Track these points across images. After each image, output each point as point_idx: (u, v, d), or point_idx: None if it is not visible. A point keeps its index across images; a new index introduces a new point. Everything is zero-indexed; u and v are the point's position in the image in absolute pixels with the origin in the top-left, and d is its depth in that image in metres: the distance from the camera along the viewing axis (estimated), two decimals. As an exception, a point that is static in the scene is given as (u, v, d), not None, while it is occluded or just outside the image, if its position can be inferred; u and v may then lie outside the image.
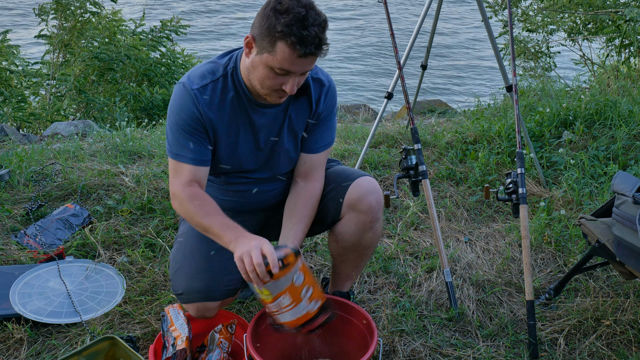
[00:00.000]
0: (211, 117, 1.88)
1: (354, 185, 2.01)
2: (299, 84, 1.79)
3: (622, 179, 2.04)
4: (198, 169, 1.89)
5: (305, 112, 1.98)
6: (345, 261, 2.15)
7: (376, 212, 2.02)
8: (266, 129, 1.96)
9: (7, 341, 2.14)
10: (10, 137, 4.17)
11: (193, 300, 1.98)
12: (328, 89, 1.98)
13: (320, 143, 2.03)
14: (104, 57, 6.18)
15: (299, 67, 1.73)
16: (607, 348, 2.18)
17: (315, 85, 1.96)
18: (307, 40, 1.67)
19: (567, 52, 6.15)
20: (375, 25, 12.49)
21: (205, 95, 1.86)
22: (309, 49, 1.68)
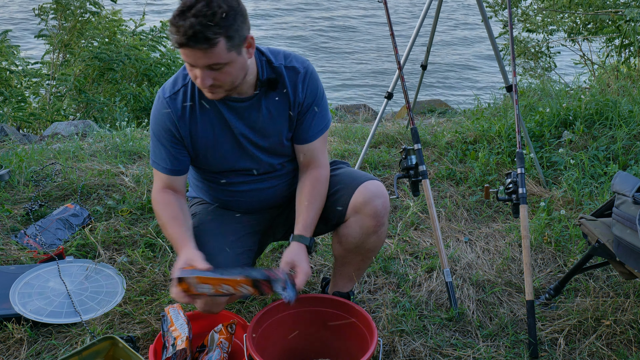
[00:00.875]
0: (185, 123, 1.93)
1: (361, 188, 2.00)
2: (217, 79, 1.75)
3: (622, 179, 2.04)
4: (170, 177, 1.99)
5: (284, 104, 1.94)
6: (347, 263, 2.15)
7: (381, 217, 2.01)
8: (241, 125, 1.95)
9: (7, 341, 2.14)
10: (10, 137, 4.17)
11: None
12: (305, 75, 1.94)
13: (312, 131, 1.99)
14: (104, 57, 6.17)
15: (191, 60, 1.71)
16: (607, 348, 2.18)
17: (290, 74, 1.93)
18: (179, 31, 1.65)
19: (567, 52, 6.15)
20: (375, 25, 12.49)
21: (177, 102, 1.92)
22: (182, 39, 1.66)
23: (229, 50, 1.71)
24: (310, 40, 11.59)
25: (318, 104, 1.98)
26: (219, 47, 1.68)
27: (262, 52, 1.93)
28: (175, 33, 1.67)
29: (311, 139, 2.00)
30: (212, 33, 1.65)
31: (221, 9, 1.66)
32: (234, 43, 1.72)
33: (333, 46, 11.40)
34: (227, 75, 1.76)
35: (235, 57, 1.74)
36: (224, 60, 1.72)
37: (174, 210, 1.96)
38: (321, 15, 13.08)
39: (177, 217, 1.94)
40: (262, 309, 1.99)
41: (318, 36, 11.82)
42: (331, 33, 12.06)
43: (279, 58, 1.94)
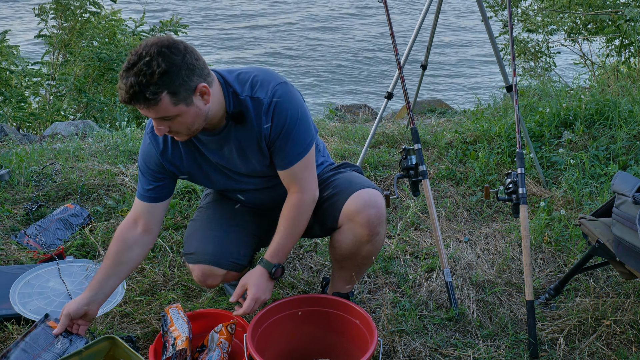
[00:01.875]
0: (168, 157, 1.99)
1: (354, 196, 1.98)
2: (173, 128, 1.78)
3: (622, 179, 2.04)
4: (145, 205, 2.03)
5: (252, 137, 1.92)
6: (343, 267, 2.15)
7: (374, 227, 1.98)
8: (215, 156, 1.98)
9: (7, 341, 2.14)
10: (10, 137, 4.17)
11: (201, 262, 2.05)
12: (269, 106, 1.87)
13: (288, 158, 1.93)
14: (104, 57, 6.17)
15: (142, 111, 1.73)
16: (607, 348, 2.18)
17: (255, 106, 1.88)
18: (122, 88, 1.68)
19: (567, 52, 6.15)
20: (375, 25, 12.49)
21: (159, 138, 1.98)
22: (124, 97, 1.69)
23: (176, 104, 1.72)
24: (311, 40, 11.59)
25: (289, 132, 1.90)
26: (162, 103, 1.70)
27: (229, 82, 1.88)
28: (120, 90, 1.70)
29: (288, 166, 1.94)
30: (151, 93, 1.67)
31: (160, 67, 1.66)
32: (180, 97, 1.72)
33: (333, 46, 11.40)
34: (181, 124, 1.78)
35: (184, 109, 1.74)
36: (172, 113, 1.73)
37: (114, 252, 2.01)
38: (321, 15, 13.08)
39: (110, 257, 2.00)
40: (262, 309, 1.99)
41: (318, 36, 11.82)
42: (331, 33, 12.06)
43: (246, 89, 1.89)
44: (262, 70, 1.94)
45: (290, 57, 10.75)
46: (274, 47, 11.19)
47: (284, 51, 11.02)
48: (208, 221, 2.15)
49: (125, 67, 1.68)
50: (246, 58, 10.64)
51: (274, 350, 2.00)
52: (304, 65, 10.40)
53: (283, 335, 2.03)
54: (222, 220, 2.14)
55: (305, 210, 1.98)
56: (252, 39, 11.56)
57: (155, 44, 1.68)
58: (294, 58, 10.71)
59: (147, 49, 1.67)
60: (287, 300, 2.05)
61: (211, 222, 2.14)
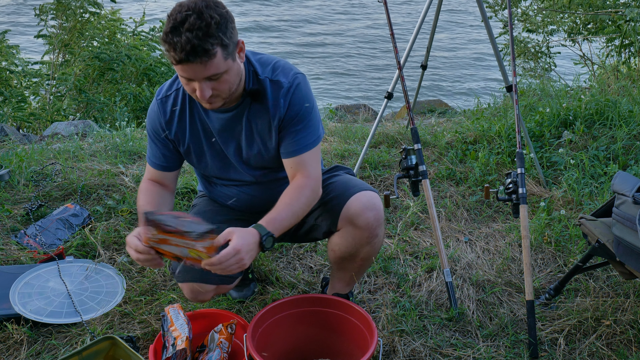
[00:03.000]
0: (173, 127, 1.98)
1: (353, 199, 1.98)
2: (216, 88, 1.75)
3: (622, 179, 2.04)
4: (158, 172, 2.05)
5: (264, 117, 1.91)
6: (342, 269, 2.15)
7: (374, 229, 1.98)
8: (224, 134, 1.96)
9: (7, 341, 2.14)
10: (10, 137, 4.17)
11: (188, 280, 1.99)
12: (288, 90, 1.87)
13: (298, 145, 1.91)
14: (104, 57, 6.17)
15: (190, 74, 1.70)
16: (607, 348, 2.18)
17: (274, 89, 1.88)
18: (177, 47, 1.64)
19: (567, 52, 6.15)
20: (375, 24, 12.49)
21: (167, 106, 1.96)
22: (180, 56, 1.64)
23: (226, 58, 1.71)
24: (310, 40, 11.60)
25: (303, 119, 1.90)
26: (217, 57, 1.68)
27: (251, 62, 1.90)
28: (171, 50, 1.65)
29: (296, 153, 1.92)
30: (210, 45, 1.65)
31: (214, 19, 1.65)
32: (229, 50, 1.71)
33: (333, 45, 11.39)
34: (225, 83, 1.76)
35: (231, 64, 1.74)
36: (222, 69, 1.72)
37: (149, 197, 1.99)
38: (321, 14, 13.08)
39: (150, 202, 1.96)
40: (262, 309, 1.99)
41: (318, 36, 11.82)
42: (331, 32, 12.06)
43: (266, 70, 1.89)
44: (282, 59, 1.95)
45: (290, 56, 10.76)
46: (273, 47, 11.19)
47: (284, 51, 11.03)
48: None
49: (171, 26, 1.64)
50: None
51: (274, 350, 2.00)
52: (305, 65, 10.40)
53: (283, 335, 2.03)
54: None
55: (307, 194, 1.89)
56: (253, 38, 11.56)
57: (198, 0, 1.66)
58: (294, 57, 10.71)
59: (192, 5, 1.65)
60: (287, 300, 2.05)
61: None
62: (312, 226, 2.10)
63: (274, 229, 1.79)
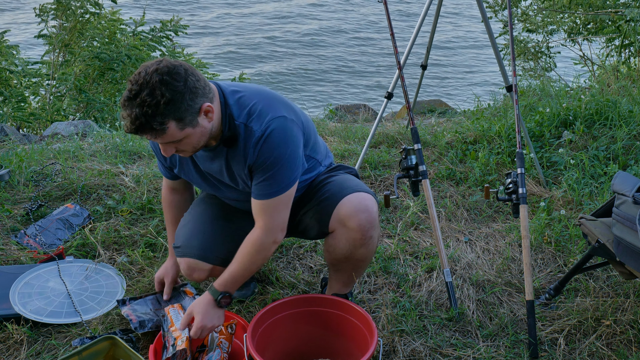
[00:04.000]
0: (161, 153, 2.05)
1: (344, 201, 1.98)
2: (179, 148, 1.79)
3: (622, 179, 2.04)
4: (169, 181, 2.23)
5: (240, 160, 1.91)
6: (339, 270, 2.15)
7: (366, 231, 1.98)
8: (207, 166, 2.01)
9: (7, 341, 2.14)
10: (10, 137, 4.17)
11: (187, 255, 2.10)
12: (259, 139, 1.83)
13: (260, 191, 1.90)
14: (104, 57, 6.17)
15: (148, 138, 1.74)
16: (607, 348, 2.18)
17: (246, 135, 1.85)
18: (127, 119, 1.67)
19: (567, 52, 6.15)
20: (375, 24, 12.49)
21: None
22: (131, 128, 1.68)
23: (182, 128, 1.72)
24: (310, 40, 11.59)
25: (271, 167, 1.85)
26: (169, 130, 1.70)
27: (228, 105, 1.86)
28: (124, 120, 1.69)
29: (259, 198, 1.91)
30: (158, 123, 1.66)
31: (164, 97, 1.64)
32: (186, 121, 1.71)
33: (333, 45, 11.39)
34: (187, 145, 1.79)
35: (190, 131, 1.74)
36: (179, 137, 1.74)
37: (171, 214, 2.27)
38: (320, 13, 13.08)
39: (173, 221, 2.26)
40: (262, 309, 2.00)
41: (318, 36, 11.82)
42: (331, 32, 12.06)
43: (243, 115, 1.85)
44: (265, 97, 1.89)
45: (290, 55, 10.75)
46: (273, 46, 11.19)
47: (284, 49, 11.03)
48: (198, 216, 2.17)
49: (126, 96, 1.66)
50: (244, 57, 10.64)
51: (274, 350, 2.00)
52: (304, 65, 10.39)
53: (283, 335, 2.03)
54: (211, 216, 2.16)
55: (263, 249, 1.93)
56: (252, 38, 11.55)
57: (155, 72, 1.65)
58: (294, 56, 10.71)
59: (147, 77, 1.65)
60: (287, 300, 2.06)
61: (200, 216, 2.16)
62: (306, 226, 2.12)
63: (227, 288, 1.96)
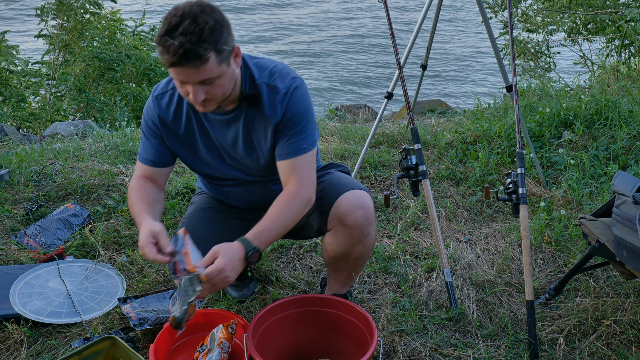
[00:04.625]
0: (167, 123, 1.97)
1: (341, 199, 1.97)
2: (209, 93, 1.74)
3: (622, 179, 2.04)
4: (150, 169, 2.02)
5: (261, 122, 1.90)
6: (338, 269, 2.15)
7: (363, 228, 1.98)
8: (221, 136, 1.96)
9: (7, 341, 2.14)
10: (10, 137, 4.17)
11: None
12: (284, 95, 1.86)
13: (291, 148, 1.89)
14: (104, 57, 6.17)
15: (183, 77, 1.70)
16: (607, 348, 2.18)
17: (271, 93, 1.87)
18: (169, 51, 1.64)
19: (567, 52, 6.15)
20: (375, 24, 12.49)
21: (164, 102, 1.96)
22: (173, 59, 1.65)
23: (220, 63, 1.71)
24: (310, 40, 11.59)
25: (299, 123, 1.88)
26: (210, 62, 1.68)
27: (248, 66, 1.89)
28: (165, 53, 1.66)
29: (290, 156, 1.89)
30: (203, 49, 1.65)
31: (208, 24, 1.65)
32: (223, 56, 1.71)
33: (332, 45, 11.39)
34: (219, 88, 1.76)
35: (225, 69, 1.74)
36: (216, 74, 1.72)
37: (143, 194, 1.95)
38: (320, 14, 13.08)
39: (143, 198, 1.93)
40: (262, 309, 1.99)
41: (317, 35, 11.82)
42: (331, 32, 12.06)
43: (263, 75, 1.89)
44: (280, 62, 1.95)
45: (290, 56, 10.76)
46: (273, 45, 11.19)
47: (284, 48, 11.03)
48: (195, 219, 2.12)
49: (165, 29, 1.64)
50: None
51: (274, 350, 2.00)
52: (304, 65, 10.39)
53: (283, 335, 2.03)
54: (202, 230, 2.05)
55: (298, 204, 1.86)
56: (252, 39, 11.56)
57: (194, 4, 1.66)
58: (293, 57, 10.71)
59: (187, 9, 1.65)
60: (287, 300, 2.05)
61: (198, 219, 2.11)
62: (304, 224, 2.10)
63: (260, 243, 1.79)
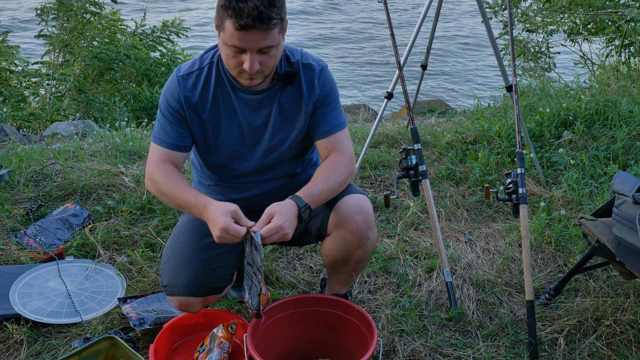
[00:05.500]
0: (192, 106, 1.91)
1: (341, 203, 1.96)
2: (263, 63, 1.75)
3: (622, 179, 2.04)
4: (171, 152, 1.93)
5: (297, 100, 1.93)
6: (338, 272, 2.14)
7: (363, 232, 1.97)
8: (251, 116, 1.93)
9: (7, 341, 2.14)
10: (10, 137, 4.17)
11: (176, 294, 1.96)
12: (320, 72, 1.95)
13: (330, 125, 1.97)
14: (104, 57, 6.17)
15: (248, 43, 1.69)
16: (607, 348, 2.18)
17: (306, 71, 1.93)
18: (243, 13, 1.63)
19: (567, 52, 6.15)
20: (375, 24, 12.49)
21: (189, 82, 1.91)
22: (246, 21, 1.64)
23: (280, 32, 1.74)
24: (310, 40, 11.60)
25: (333, 100, 1.98)
26: (275, 29, 1.70)
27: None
28: (236, 16, 1.64)
29: (331, 133, 1.98)
30: (274, 14, 1.67)
31: None
32: (282, 25, 1.75)
33: (333, 45, 11.39)
34: (273, 58, 1.77)
35: (280, 39, 1.76)
36: (275, 42, 1.73)
37: (179, 178, 1.88)
38: (320, 13, 13.09)
39: (184, 182, 1.87)
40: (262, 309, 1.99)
41: (318, 35, 11.82)
42: (332, 32, 12.06)
43: (296, 54, 1.95)
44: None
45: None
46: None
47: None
48: (180, 247, 2.00)
49: None
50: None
51: (274, 350, 2.00)
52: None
53: (283, 335, 2.03)
54: (194, 243, 1.98)
55: (343, 169, 1.92)
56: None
57: None
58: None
59: None
60: (287, 300, 2.05)
61: (183, 247, 1.99)
62: (303, 231, 2.07)
63: (311, 201, 1.82)
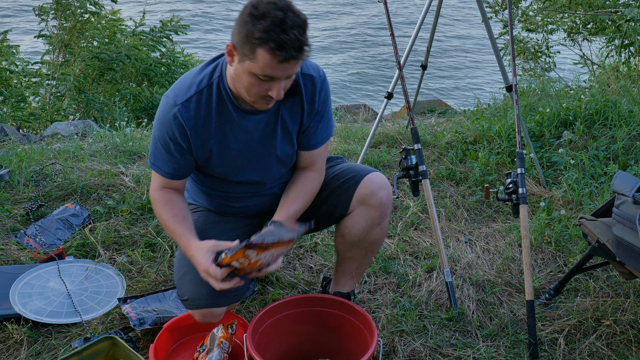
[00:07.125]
0: (198, 131, 1.87)
1: (366, 180, 2.03)
2: (285, 87, 1.75)
3: (622, 179, 2.05)
4: (172, 181, 1.96)
5: (298, 112, 1.93)
6: (349, 258, 2.15)
7: (385, 208, 2.05)
8: (258, 134, 1.92)
9: (7, 341, 2.14)
10: (10, 137, 4.17)
11: (199, 307, 1.94)
12: (322, 84, 1.94)
13: (320, 137, 2.00)
14: (104, 57, 6.17)
15: (282, 72, 1.69)
16: (607, 348, 2.18)
17: (307, 83, 1.91)
18: (286, 45, 1.62)
19: (567, 52, 6.15)
20: (375, 24, 12.49)
21: (190, 109, 1.84)
22: (290, 53, 1.63)
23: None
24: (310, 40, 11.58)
25: (326, 112, 1.99)
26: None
27: None
28: (279, 48, 1.61)
29: (317, 146, 2.01)
30: (308, 41, 1.68)
31: (302, 16, 1.67)
32: None
33: (333, 45, 11.39)
34: (290, 81, 1.77)
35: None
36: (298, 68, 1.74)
37: (174, 208, 1.94)
38: (320, 14, 13.09)
39: (177, 214, 1.92)
40: (262, 309, 2.00)
41: (316, 35, 11.82)
42: (331, 32, 12.06)
43: None
44: None
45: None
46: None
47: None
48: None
49: (273, 23, 1.60)
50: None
51: (274, 350, 2.00)
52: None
53: (283, 335, 2.03)
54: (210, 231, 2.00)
55: (315, 189, 2.03)
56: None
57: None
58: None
59: (281, 2, 1.64)
60: (287, 300, 2.06)
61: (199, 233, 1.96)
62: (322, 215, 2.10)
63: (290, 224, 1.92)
